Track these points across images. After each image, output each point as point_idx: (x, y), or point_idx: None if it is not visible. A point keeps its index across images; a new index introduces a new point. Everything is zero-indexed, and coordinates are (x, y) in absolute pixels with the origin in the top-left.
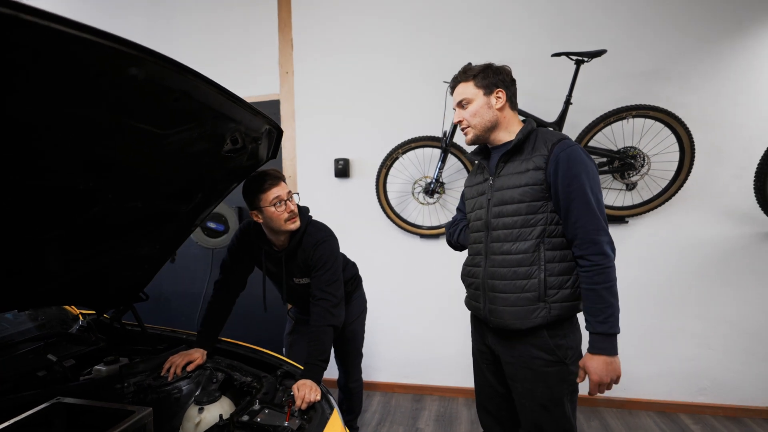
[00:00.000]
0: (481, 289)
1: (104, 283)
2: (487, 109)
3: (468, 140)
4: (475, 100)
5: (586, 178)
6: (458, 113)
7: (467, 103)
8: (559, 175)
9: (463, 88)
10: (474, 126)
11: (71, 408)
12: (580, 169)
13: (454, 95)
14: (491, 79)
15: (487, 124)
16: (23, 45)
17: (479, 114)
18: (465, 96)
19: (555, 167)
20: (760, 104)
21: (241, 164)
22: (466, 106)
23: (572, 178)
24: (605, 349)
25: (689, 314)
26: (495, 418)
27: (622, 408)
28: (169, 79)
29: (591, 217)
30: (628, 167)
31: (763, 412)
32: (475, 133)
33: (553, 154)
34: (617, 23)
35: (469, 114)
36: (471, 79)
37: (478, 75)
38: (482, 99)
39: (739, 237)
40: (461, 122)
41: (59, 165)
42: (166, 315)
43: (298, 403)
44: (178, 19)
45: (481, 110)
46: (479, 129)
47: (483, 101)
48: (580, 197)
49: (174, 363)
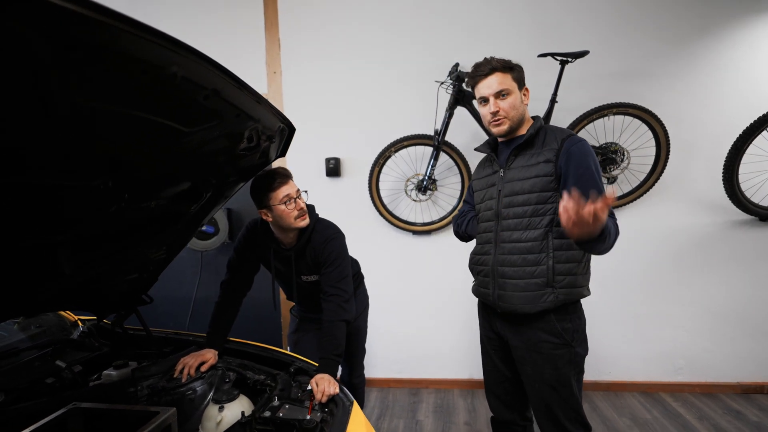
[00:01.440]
0: (491, 276)
1: (110, 287)
2: (520, 103)
3: (501, 131)
4: (513, 93)
5: (595, 169)
6: (495, 103)
7: (507, 94)
8: (571, 166)
9: (502, 77)
10: (511, 118)
11: (89, 413)
12: (590, 161)
13: (489, 84)
14: (521, 75)
15: (520, 117)
16: (78, 40)
17: (516, 107)
18: (506, 86)
19: (567, 159)
20: (727, 102)
21: (252, 162)
22: (506, 97)
23: (585, 168)
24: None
25: (666, 299)
26: (503, 402)
27: (608, 390)
28: (202, 77)
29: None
30: (609, 162)
31: (735, 387)
32: (510, 125)
33: (564, 148)
34: (599, 26)
35: (509, 105)
36: (509, 72)
37: (514, 69)
38: (518, 93)
39: (710, 225)
40: (498, 112)
41: (85, 165)
42: (154, 319)
43: (318, 396)
44: (159, 5)
45: (517, 103)
46: (514, 121)
47: (518, 95)
48: (594, 185)
49: (187, 364)
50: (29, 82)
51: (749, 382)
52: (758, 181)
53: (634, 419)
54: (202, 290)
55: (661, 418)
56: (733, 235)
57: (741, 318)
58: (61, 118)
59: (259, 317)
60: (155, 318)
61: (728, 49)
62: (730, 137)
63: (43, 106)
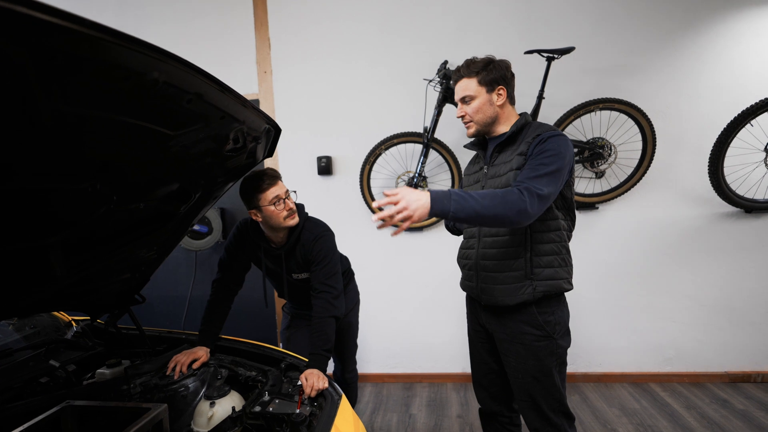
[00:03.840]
0: (474, 270)
1: (102, 287)
2: (488, 105)
3: (470, 134)
4: (478, 97)
5: (553, 152)
6: (461, 108)
7: (470, 99)
8: (534, 148)
9: (466, 83)
10: (476, 122)
11: (82, 410)
12: (548, 145)
13: (457, 90)
14: (493, 75)
15: (488, 120)
16: (59, 51)
17: (481, 111)
18: (468, 92)
19: (534, 146)
20: (712, 96)
21: (239, 163)
22: (469, 102)
23: (544, 150)
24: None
25: (655, 291)
26: (490, 394)
27: (599, 382)
28: (184, 82)
29: (535, 171)
30: (597, 156)
31: (722, 376)
32: (477, 128)
33: (536, 139)
34: (584, 21)
35: (472, 110)
36: (474, 76)
37: (481, 71)
38: (485, 96)
39: (696, 218)
40: (464, 116)
41: (74, 169)
42: (150, 319)
43: (307, 391)
44: (149, 8)
45: (484, 107)
46: (481, 124)
47: (485, 98)
48: (536, 163)
49: (179, 362)
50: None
51: (736, 371)
52: (743, 173)
53: (623, 409)
54: (197, 289)
55: (650, 407)
56: (720, 227)
57: (728, 308)
58: (46, 126)
59: (254, 315)
60: (151, 318)
61: (712, 43)
62: (715, 131)
63: (26, 114)
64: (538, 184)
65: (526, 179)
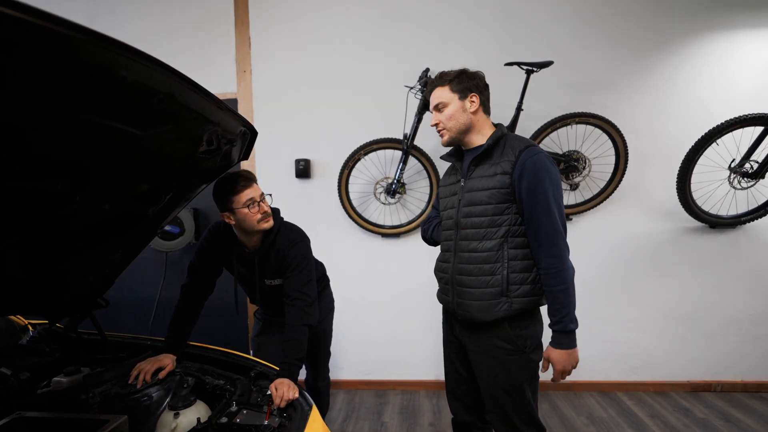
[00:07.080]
0: (450, 284)
1: (62, 290)
2: (461, 112)
3: (444, 142)
4: (450, 104)
5: (549, 184)
6: (435, 116)
7: (443, 106)
8: (524, 181)
9: (439, 92)
10: (449, 129)
11: (34, 422)
12: (544, 175)
13: (431, 99)
14: (466, 83)
15: (461, 127)
16: (17, 44)
17: (454, 117)
18: (441, 100)
19: (521, 173)
20: (681, 114)
21: (213, 165)
22: (442, 110)
23: (537, 184)
24: (563, 344)
25: (623, 301)
26: (462, 404)
27: (568, 390)
28: (155, 81)
29: (551, 223)
30: (572, 169)
31: (686, 386)
32: (450, 136)
33: (519, 161)
34: (564, 38)
35: (445, 117)
36: (447, 84)
37: (453, 80)
38: (457, 103)
39: (664, 231)
40: (438, 125)
41: (34, 167)
42: (116, 322)
43: (276, 401)
44: (123, 7)
45: (456, 114)
46: (454, 132)
47: (458, 105)
48: (542, 203)
49: (142, 370)
50: None
51: (699, 380)
52: (708, 190)
53: (590, 418)
54: (166, 292)
55: (616, 416)
56: (685, 241)
57: (691, 319)
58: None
59: (224, 320)
60: (118, 320)
61: (683, 63)
62: (683, 148)
63: None
64: (559, 240)
65: (551, 235)
